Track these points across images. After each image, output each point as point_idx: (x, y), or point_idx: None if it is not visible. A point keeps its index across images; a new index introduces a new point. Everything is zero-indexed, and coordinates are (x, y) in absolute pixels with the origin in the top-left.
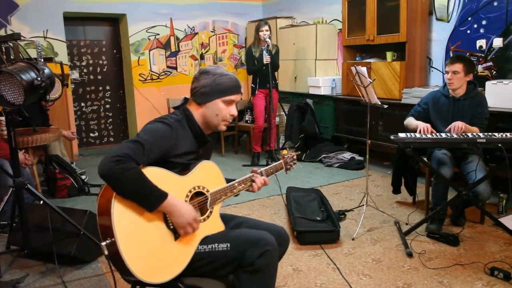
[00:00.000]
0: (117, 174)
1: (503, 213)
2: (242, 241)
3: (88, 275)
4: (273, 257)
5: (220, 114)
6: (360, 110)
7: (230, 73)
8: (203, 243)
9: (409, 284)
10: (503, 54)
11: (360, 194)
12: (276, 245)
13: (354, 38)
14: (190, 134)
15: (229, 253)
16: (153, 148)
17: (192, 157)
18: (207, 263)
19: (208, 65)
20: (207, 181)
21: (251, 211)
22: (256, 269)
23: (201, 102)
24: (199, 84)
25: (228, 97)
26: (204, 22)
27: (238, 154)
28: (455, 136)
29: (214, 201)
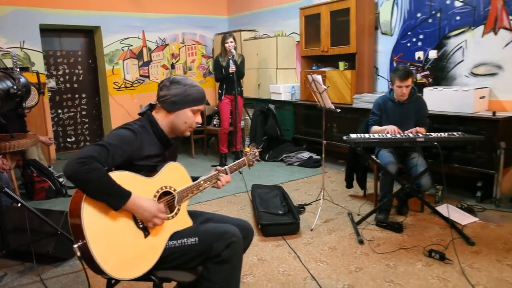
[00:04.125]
0: (82, 175)
1: (439, 202)
2: (209, 234)
3: (66, 272)
4: (238, 248)
5: (188, 121)
6: (317, 114)
7: (198, 85)
8: (172, 238)
9: (361, 268)
10: (437, 64)
11: (317, 189)
12: (240, 237)
13: (310, 49)
14: (154, 138)
15: (197, 246)
16: (117, 151)
17: (158, 160)
18: (177, 257)
19: (176, 75)
20: (174, 181)
21: (219, 207)
22: (223, 260)
23: (171, 110)
24: (170, 93)
25: (197, 107)
26: (175, 34)
27: (207, 156)
28: (398, 136)
29: (181, 199)
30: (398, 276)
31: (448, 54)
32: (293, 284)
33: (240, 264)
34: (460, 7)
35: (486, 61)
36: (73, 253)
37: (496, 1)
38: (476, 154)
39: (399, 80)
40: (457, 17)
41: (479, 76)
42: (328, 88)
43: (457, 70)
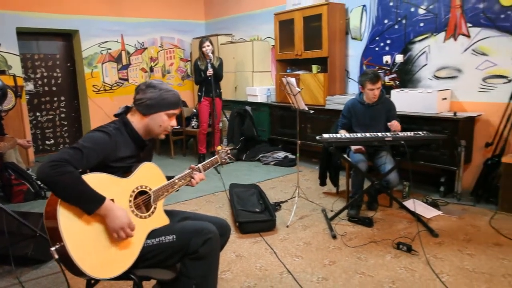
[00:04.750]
0: (53, 177)
1: (406, 197)
2: (187, 232)
3: (46, 273)
4: (214, 245)
5: (163, 125)
6: (291, 115)
7: (174, 89)
8: (150, 237)
9: (334, 261)
10: (403, 67)
11: (292, 187)
12: (217, 233)
13: (285, 53)
14: (129, 140)
15: (175, 244)
16: (92, 154)
17: (133, 161)
18: (155, 254)
19: (153, 79)
20: (149, 180)
21: (198, 206)
22: (200, 256)
23: (146, 113)
24: (145, 97)
25: (172, 111)
26: (153, 38)
27: (186, 156)
28: (368, 136)
29: (157, 197)
30: (368, 268)
31: (413, 58)
32: (270, 278)
33: (217, 260)
34: (423, 14)
35: (447, 65)
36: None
37: (455, 9)
38: (440, 152)
39: (370, 83)
40: (421, 24)
41: (441, 79)
42: (302, 90)
43: (421, 73)
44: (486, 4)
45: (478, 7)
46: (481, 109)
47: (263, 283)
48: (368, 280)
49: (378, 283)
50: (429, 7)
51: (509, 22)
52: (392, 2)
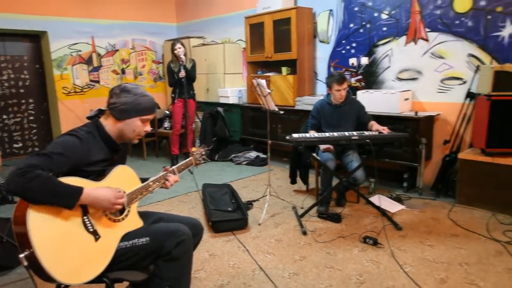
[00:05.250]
0: (24, 185)
1: (372, 193)
2: (160, 233)
3: (14, 279)
4: (188, 246)
5: (137, 130)
6: (262, 116)
7: (149, 94)
8: (123, 240)
9: (304, 256)
10: (369, 69)
11: (264, 186)
12: (190, 234)
13: (255, 56)
14: (102, 143)
15: (149, 246)
16: (62, 159)
17: (107, 164)
18: (129, 257)
19: (128, 83)
20: (123, 183)
21: (171, 207)
22: (173, 258)
23: (120, 118)
24: (120, 101)
25: (146, 117)
26: (124, 40)
27: (159, 158)
28: (335, 135)
29: (131, 200)
30: (337, 262)
31: (377, 60)
32: (242, 276)
33: (190, 261)
34: (386, 19)
35: (408, 67)
36: (19, 261)
37: (415, 15)
38: (403, 149)
39: (337, 85)
40: (384, 28)
41: (403, 80)
42: (272, 91)
43: (385, 75)
44: (442, 10)
45: (436, 13)
46: (440, 109)
47: (236, 281)
48: (337, 273)
49: (346, 276)
50: (391, 13)
51: (463, 27)
52: (357, 7)
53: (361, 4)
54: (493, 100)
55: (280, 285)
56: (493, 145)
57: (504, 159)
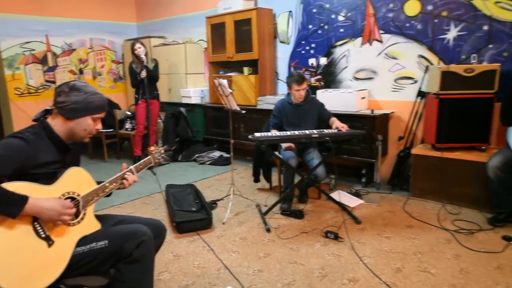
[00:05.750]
0: None
1: (333, 189)
2: (120, 235)
3: None
4: (149, 247)
5: (88, 129)
6: (225, 115)
7: (100, 92)
8: (80, 244)
9: (268, 253)
10: (327, 69)
11: (228, 185)
12: (151, 235)
13: (217, 56)
14: (50, 144)
15: (108, 249)
16: (5, 162)
17: (57, 166)
18: (87, 262)
19: (76, 80)
20: (77, 185)
21: (133, 209)
22: (134, 259)
23: (71, 117)
24: (69, 100)
25: (98, 115)
26: (81, 39)
27: (121, 159)
28: (296, 133)
29: (87, 203)
30: (300, 257)
31: (336, 61)
32: (207, 275)
33: (152, 263)
34: (343, 21)
35: (364, 67)
36: None
37: (369, 17)
38: (360, 146)
39: (296, 85)
40: (341, 30)
41: (360, 80)
42: (234, 91)
43: (343, 75)
44: (394, 14)
45: (388, 16)
46: (394, 107)
47: (201, 280)
48: (300, 268)
49: (309, 270)
50: (347, 15)
51: (413, 30)
52: (315, 9)
53: (319, 6)
54: (441, 98)
55: (245, 283)
56: (442, 140)
57: (451, 154)
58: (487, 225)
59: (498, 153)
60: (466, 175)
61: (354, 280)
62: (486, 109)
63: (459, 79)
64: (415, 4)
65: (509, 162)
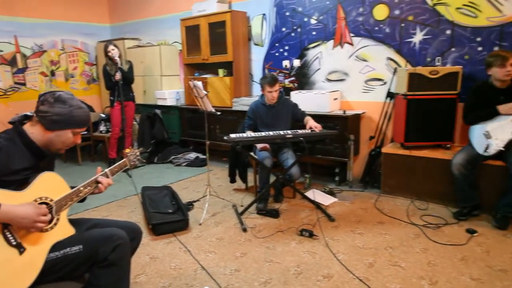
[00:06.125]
0: None
1: (307, 189)
2: (95, 240)
3: None
4: (125, 250)
5: (67, 142)
6: (200, 117)
7: (84, 106)
8: (53, 250)
9: (245, 253)
10: (301, 71)
11: (204, 186)
12: (127, 239)
13: (192, 58)
14: (24, 150)
15: (82, 254)
16: None
17: (30, 172)
18: (61, 267)
19: (63, 92)
20: (50, 190)
21: (109, 212)
22: (110, 263)
23: (51, 128)
24: (53, 111)
25: (79, 129)
26: (53, 40)
27: (95, 162)
28: (271, 134)
29: (60, 208)
30: (276, 256)
31: (309, 63)
32: (184, 276)
33: (128, 266)
34: (315, 24)
35: (336, 69)
36: None
37: (341, 21)
38: (333, 146)
39: (269, 86)
40: (313, 32)
41: (332, 81)
42: (210, 93)
43: (316, 76)
44: (364, 17)
45: (358, 20)
46: (365, 107)
47: (178, 282)
48: (276, 266)
49: (285, 268)
50: (319, 18)
51: (382, 33)
52: (288, 12)
53: (292, 9)
54: (408, 99)
55: (222, 283)
56: (410, 139)
57: (419, 152)
58: (452, 219)
59: (461, 151)
60: (433, 172)
61: (328, 276)
62: (450, 109)
63: (425, 80)
64: (383, 9)
65: (472, 159)
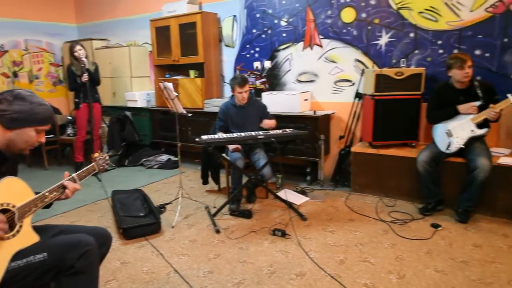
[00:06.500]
0: None
1: (280, 188)
2: (60, 247)
3: None
4: (93, 257)
5: (30, 141)
6: (172, 119)
7: (47, 103)
8: (16, 258)
9: (218, 254)
10: (272, 72)
11: (176, 188)
12: (95, 245)
13: (163, 59)
14: None
15: (47, 262)
16: None
17: None
18: (24, 276)
19: (22, 89)
20: (12, 196)
21: (78, 217)
22: (78, 271)
23: (11, 127)
24: (12, 109)
25: (42, 127)
26: (15, 40)
27: (62, 166)
28: (243, 135)
29: (23, 214)
30: (249, 256)
31: (279, 64)
32: (157, 280)
33: (96, 273)
34: (285, 26)
35: (306, 70)
36: None
37: (310, 23)
38: (304, 146)
39: (239, 87)
40: (284, 34)
41: (303, 82)
42: (180, 94)
43: (287, 78)
44: (332, 20)
45: (327, 22)
46: (335, 108)
47: (150, 286)
48: (250, 267)
49: (258, 268)
50: (289, 20)
51: (350, 36)
52: (259, 14)
53: (262, 11)
54: (376, 99)
55: (195, 285)
56: (378, 138)
57: (386, 150)
58: (418, 215)
59: (426, 149)
60: (400, 169)
61: (301, 275)
62: (414, 109)
63: (391, 81)
64: (350, 12)
65: (435, 157)
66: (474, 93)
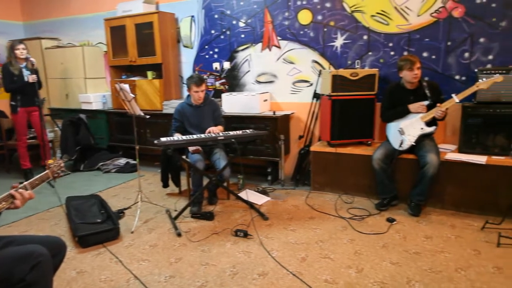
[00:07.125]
0: None
1: (241, 189)
2: (9, 259)
3: None
4: (46, 268)
5: None
6: (129, 121)
7: None
8: None
9: (180, 258)
10: (231, 73)
11: (136, 192)
12: (48, 255)
13: (118, 60)
14: None
15: None
16: None
17: None
18: None
19: None
20: None
21: (29, 227)
22: (29, 284)
23: None
24: None
25: None
26: None
27: (11, 173)
28: (203, 136)
29: None
30: (212, 258)
31: (238, 65)
32: None
33: (50, 285)
34: (243, 27)
35: (265, 71)
36: None
37: (268, 24)
38: (265, 146)
39: (195, 86)
40: (242, 35)
41: (262, 83)
42: (137, 96)
43: (246, 78)
44: (290, 22)
45: (284, 24)
46: (294, 108)
47: None
48: (212, 269)
49: (221, 270)
50: (247, 21)
51: (307, 37)
52: (217, 14)
53: (220, 12)
54: (333, 99)
55: None
56: (335, 137)
57: (344, 149)
58: (374, 210)
59: (380, 147)
60: (357, 167)
61: (263, 274)
62: (369, 109)
63: (346, 82)
64: (307, 14)
65: (389, 154)
66: (423, 93)
